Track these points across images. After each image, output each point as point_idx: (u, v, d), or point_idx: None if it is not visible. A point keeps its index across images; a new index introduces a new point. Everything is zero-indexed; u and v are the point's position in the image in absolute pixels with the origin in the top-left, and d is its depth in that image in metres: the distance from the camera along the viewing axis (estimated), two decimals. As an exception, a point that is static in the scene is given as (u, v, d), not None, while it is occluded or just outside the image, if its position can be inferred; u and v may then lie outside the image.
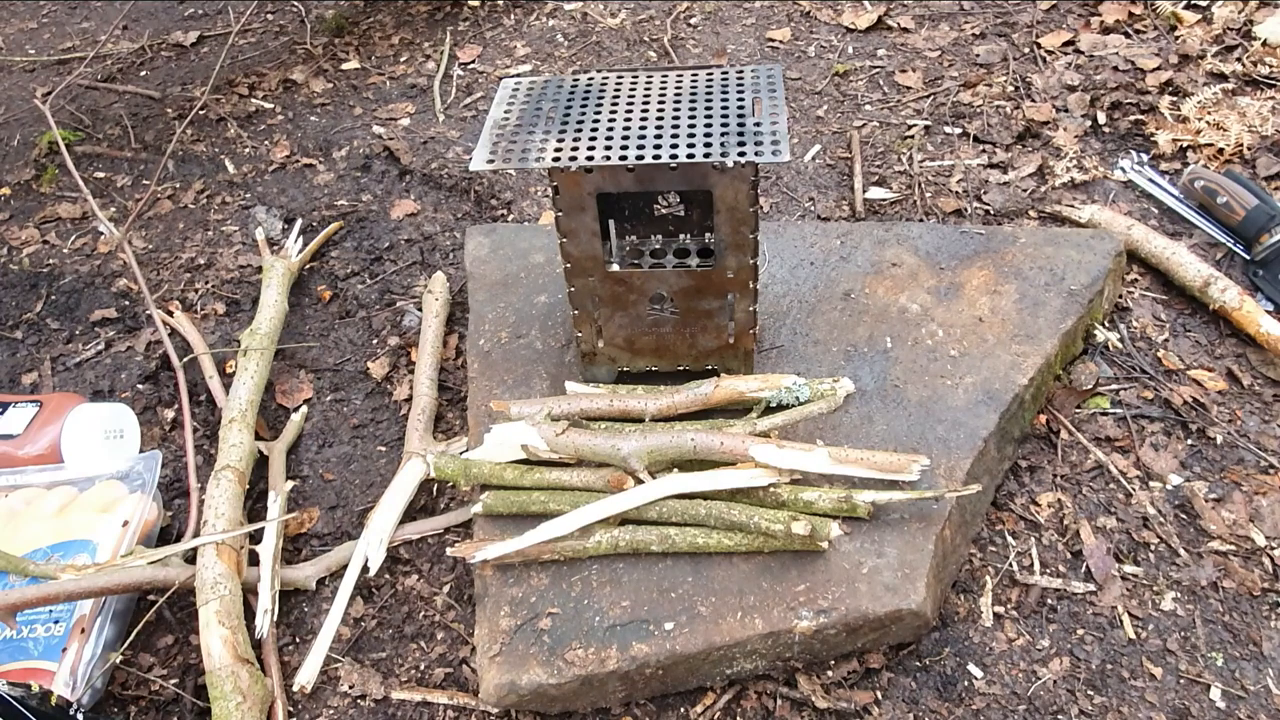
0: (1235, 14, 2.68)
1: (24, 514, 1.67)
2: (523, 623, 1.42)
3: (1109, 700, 1.42)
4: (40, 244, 2.54)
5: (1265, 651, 1.45)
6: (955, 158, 2.42)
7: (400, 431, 1.92)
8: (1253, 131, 2.29)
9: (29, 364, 2.20)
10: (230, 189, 2.66)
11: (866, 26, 2.97)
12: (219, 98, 3.02)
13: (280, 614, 1.62)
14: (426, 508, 1.77)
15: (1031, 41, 2.78)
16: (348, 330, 2.18)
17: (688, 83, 1.52)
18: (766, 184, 2.42)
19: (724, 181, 1.38)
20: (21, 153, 2.88)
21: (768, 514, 1.40)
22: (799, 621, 1.37)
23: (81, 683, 1.48)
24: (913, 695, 1.45)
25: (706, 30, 3.07)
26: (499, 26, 3.25)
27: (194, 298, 2.31)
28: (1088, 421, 1.79)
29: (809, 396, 1.60)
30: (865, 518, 1.45)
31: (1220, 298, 1.87)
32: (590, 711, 1.46)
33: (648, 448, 1.48)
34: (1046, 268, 1.86)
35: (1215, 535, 1.59)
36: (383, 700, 1.51)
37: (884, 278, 1.87)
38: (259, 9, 3.48)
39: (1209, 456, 1.71)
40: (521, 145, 1.40)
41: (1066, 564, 1.59)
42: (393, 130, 2.80)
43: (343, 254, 2.39)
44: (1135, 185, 2.26)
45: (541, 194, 2.50)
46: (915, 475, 1.45)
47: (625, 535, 1.45)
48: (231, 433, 1.78)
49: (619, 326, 1.61)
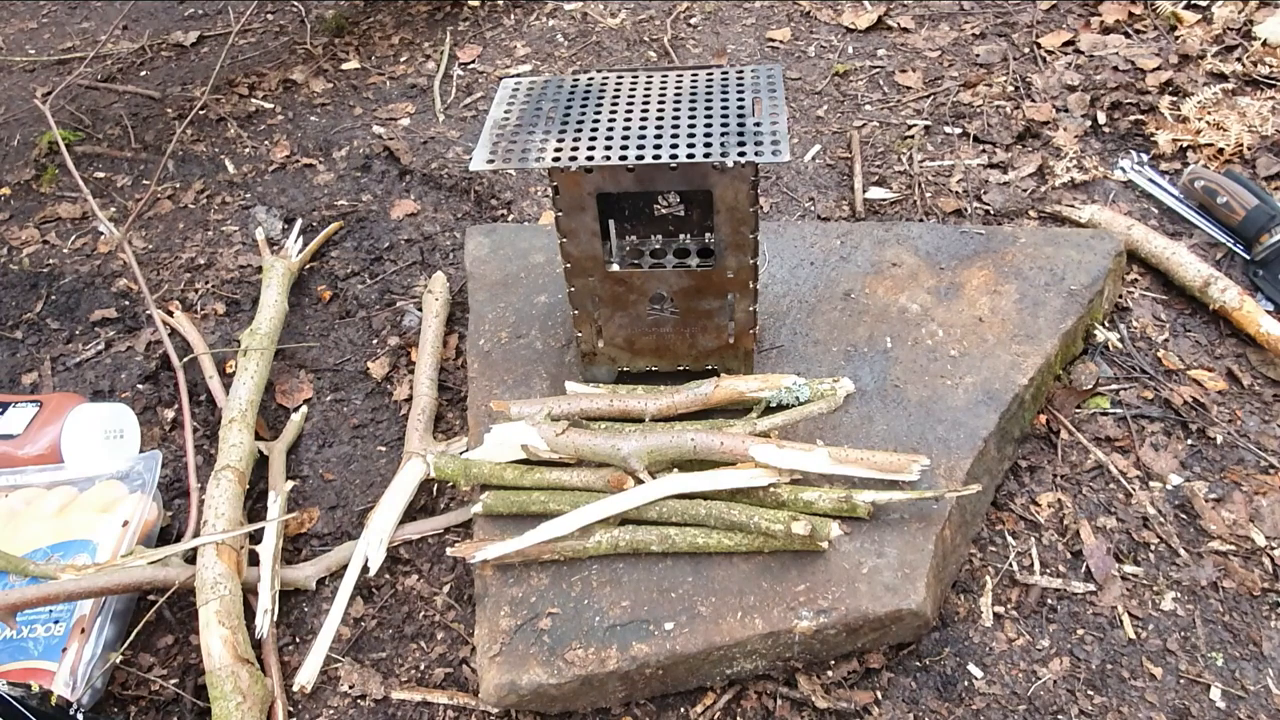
0: (1235, 14, 2.68)
1: (24, 514, 1.67)
2: (523, 623, 1.42)
3: (1109, 700, 1.42)
4: (40, 244, 2.54)
5: (1265, 651, 1.45)
6: (955, 158, 2.42)
7: (400, 431, 1.92)
8: (1253, 131, 2.29)
9: (29, 364, 2.20)
10: (230, 189, 2.66)
11: (866, 26, 2.97)
12: (219, 98, 3.02)
13: (280, 614, 1.62)
14: (426, 508, 1.77)
15: (1031, 41, 2.78)
16: (348, 330, 2.18)
17: (688, 83, 1.52)
18: (766, 184, 2.42)
19: (724, 181, 1.38)
20: (21, 153, 2.88)
21: (768, 514, 1.40)
22: (799, 621, 1.37)
23: (81, 683, 1.48)
24: (913, 695, 1.45)
25: (706, 30, 3.07)
26: (499, 26, 3.25)
27: (194, 298, 2.31)
28: (1088, 421, 1.79)
29: (809, 396, 1.60)
30: (865, 518, 1.45)
31: (1220, 298, 1.87)
32: (590, 711, 1.46)
33: (648, 447, 1.48)
34: (1046, 268, 1.86)
35: (1215, 535, 1.59)
36: (383, 700, 1.51)
37: (884, 278, 1.87)
38: (259, 9, 3.48)
39: (1209, 456, 1.71)
40: (521, 145, 1.40)
41: (1066, 564, 1.59)
42: (393, 130, 2.80)
43: (343, 254, 2.39)
44: (1135, 185, 2.26)
45: (541, 194, 2.50)
46: (915, 475, 1.45)
47: (625, 535, 1.45)
48: (231, 433, 1.78)
49: (619, 326, 1.61)
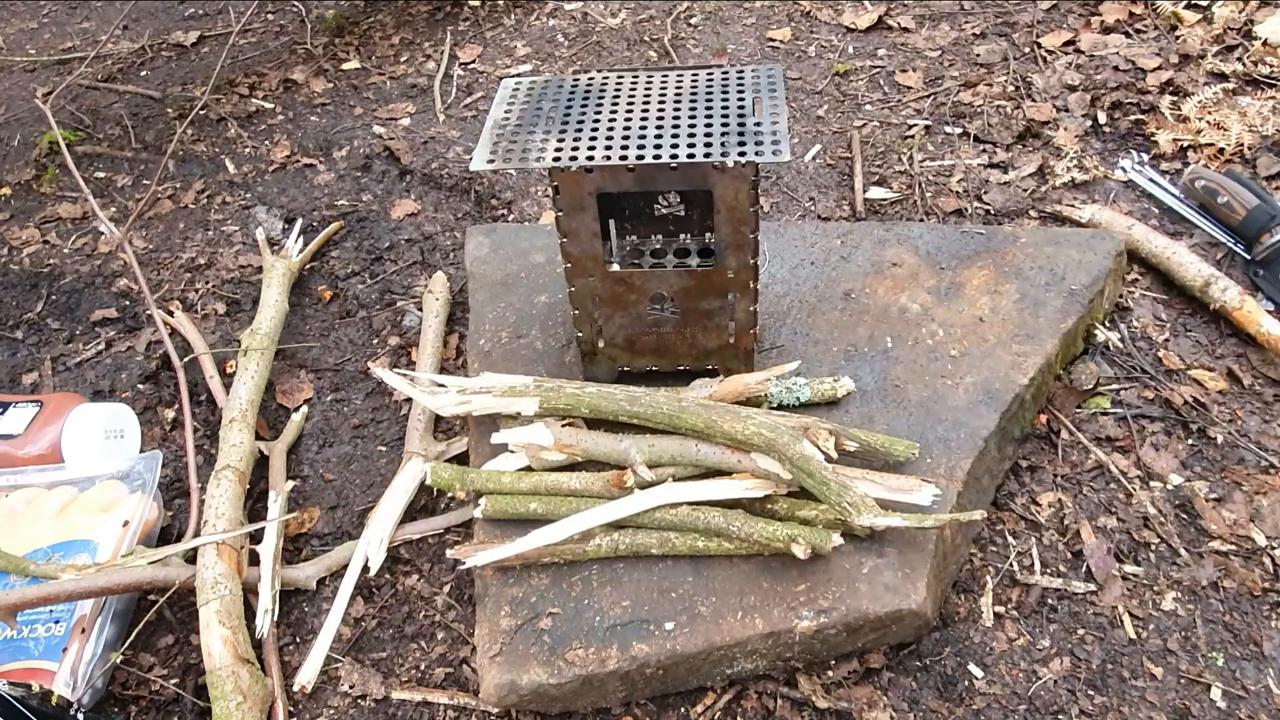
0: (1236, 14, 2.68)
1: (24, 514, 1.67)
2: (523, 623, 1.42)
3: (1109, 700, 1.42)
4: (41, 244, 2.54)
5: (1266, 651, 1.45)
6: (956, 157, 2.42)
7: (400, 431, 1.92)
8: (1253, 131, 2.29)
9: (29, 364, 2.20)
10: (231, 189, 2.66)
11: (867, 26, 2.97)
12: (219, 98, 3.02)
13: (280, 614, 1.62)
14: (427, 508, 1.77)
15: (1032, 41, 2.78)
16: (348, 330, 2.18)
17: (688, 83, 1.52)
18: (767, 184, 2.42)
19: (724, 181, 1.38)
20: (22, 153, 2.88)
21: (766, 530, 1.39)
22: (799, 621, 1.37)
23: (82, 683, 1.48)
24: (913, 695, 1.45)
25: (707, 30, 3.07)
26: (499, 26, 3.25)
27: (194, 298, 2.31)
28: (1088, 421, 1.79)
29: (810, 397, 1.60)
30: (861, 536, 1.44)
31: (1221, 297, 1.87)
32: (590, 711, 1.46)
33: (649, 441, 1.48)
34: (1047, 267, 1.86)
35: (1216, 535, 1.59)
36: (383, 700, 1.51)
37: (884, 277, 1.87)
38: (259, 9, 3.48)
39: (1209, 456, 1.71)
40: (522, 145, 1.40)
41: (1067, 564, 1.59)
42: (393, 130, 2.80)
43: (343, 254, 2.39)
44: (1136, 185, 2.26)
45: (542, 194, 2.50)
46: (927, 500, 1.42)
47: (625, 539, 1.45)
48: (232, 432, 1.78)
49: (619, 326, 1.61)
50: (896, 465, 1.52)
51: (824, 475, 1.36)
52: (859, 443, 1.48)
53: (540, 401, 1.54)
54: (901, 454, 1.49)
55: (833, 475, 1.37)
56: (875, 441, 1.49)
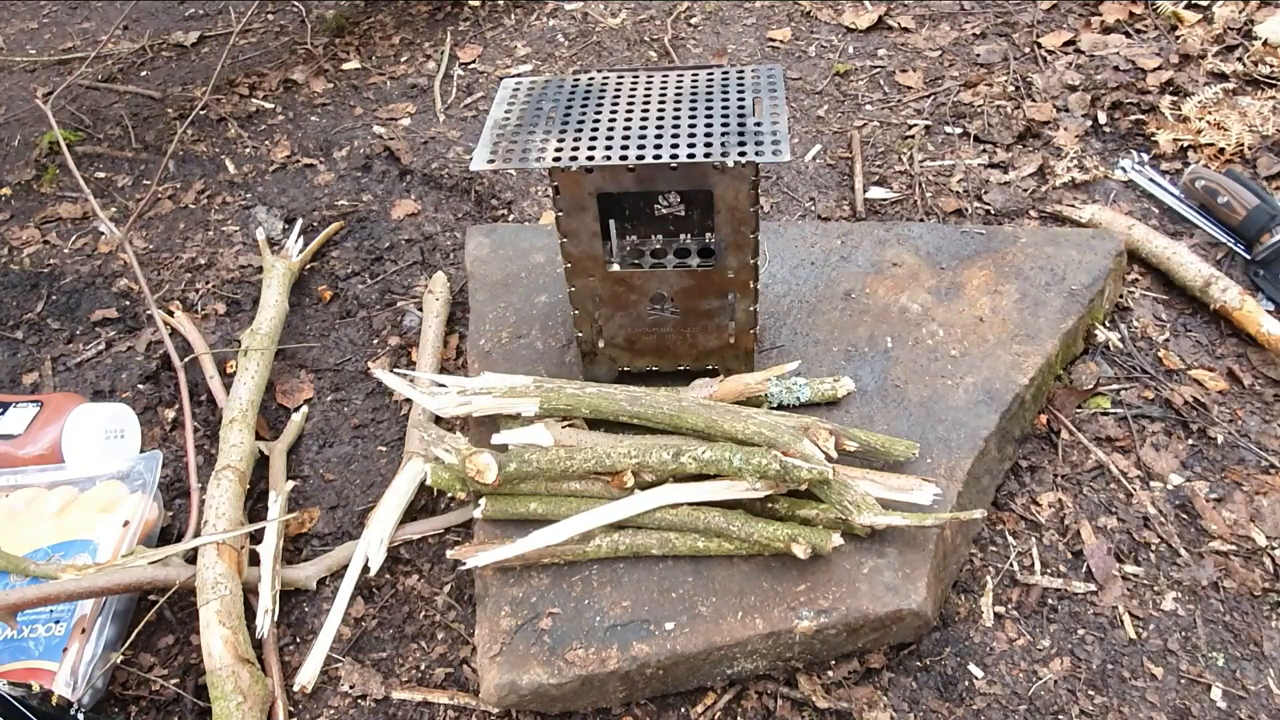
0: (1236, 13, 2.68)
1: (25, 514, 1.67)
2: (523, 623, 1.42)
3: (1110, 700, 1.42)
4: (41, 244, 2.54)
5: (1266, 651, 1.45)
6: (956, 158, 2.42)
7: (401, 431, 1.92)
8: (1253, 131, 2.29)
9: (29, 364, 2.20)
10: (231, 189, 2.66)
11: (867, 26, 2.97)
12: (219, 98, 3.02)
13: (281, 614, 1.62)
14: (427, 508, 1.77)
15: (1032, 41, 2.78)
16: (348, 330, 2.18)
17: (688, 83, 1.52)
18: (767, 184, 2.42)
19: (724, 181, 1.38)
20: (22, 153, 2.89)
21: (766, 530, 1.39)
22: (799, 621, 1.37)
23: (82, 683, 1.48)
24: (913, 695, 1.45)
25: (707, 30, 3.07)
26: (499, 26, 3.25)
27: (194, 298, 2.31)
28: (1088, 421, 1.79)
29: (810, 397, 1.60)
30: (861, 536, 1.45)
31: (1221, 297, 1.87)
32: (591, 711, 1.46)
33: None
34: (1047, 268, 1.86)
35: (1216, 535, 1.59)
36: (383, 700, 1.51)
37: (884, 278, 1.87)
38: (259, 9, 3.48)
39: (1210, 456, 1.71)
40: (522, 145, 1.40)
41: (1067, 564, 1.59)
42: (393, 130, 2.80)
43: (343, 254, 2.39)
44: (1136, 185, 2.26)
45: (542, 194, 2.50)
46: (927, 500, 1.42)
47: (625, 539, 1.45)
48: (232, 433, 1.78)
49: (619, 326, 1.61)
50: (897, 465, 1.52)
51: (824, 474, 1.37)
52: (859, 442, 1.48)
53: (540, 402, 1.53)
54: (902, 454, 1.49)
55: (833, 475, 1.37)
56: (875, 441, 1.49)
